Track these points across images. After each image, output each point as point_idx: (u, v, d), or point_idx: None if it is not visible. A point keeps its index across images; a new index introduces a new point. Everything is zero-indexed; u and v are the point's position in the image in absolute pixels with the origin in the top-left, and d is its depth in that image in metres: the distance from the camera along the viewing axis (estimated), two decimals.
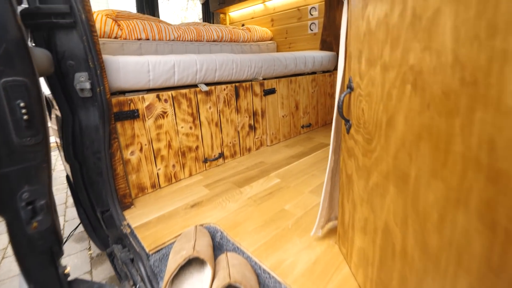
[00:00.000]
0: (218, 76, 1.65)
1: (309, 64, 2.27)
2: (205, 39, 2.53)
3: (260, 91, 1.93)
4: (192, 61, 1.50)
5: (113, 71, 1.23)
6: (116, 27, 2.01)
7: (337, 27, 2.53)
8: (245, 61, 1.77)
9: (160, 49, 2.20)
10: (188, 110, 1.55)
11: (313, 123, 2.50)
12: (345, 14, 0.76)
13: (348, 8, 0.75)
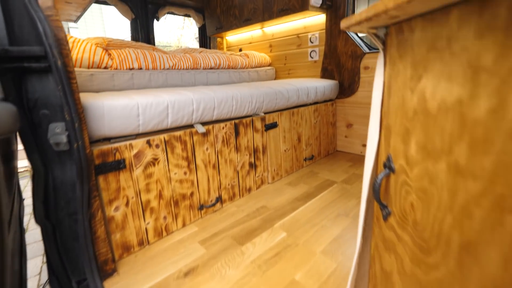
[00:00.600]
0: (216, 114, 1.50)
1: (311, 95, 2.15)
2: (202, 67, 2.40)
3: (261, 126, 1.79)
4: (188, 101, 1.35)
5: (96, 118, 1.07)
6: (106, 57, 1.87)
7: (338, 56, 2.44)
8: (245, 96, 1.63)
9: (154, 79, 2.06)
10: (183, 154, 1.38)
11: (316, 155, 2.36)
12: (380, 74, 0.62)
13: (384, 68, 0.61)
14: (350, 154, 2.51)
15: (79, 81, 1.71)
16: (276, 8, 2.44)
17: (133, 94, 1.28)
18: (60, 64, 0.85)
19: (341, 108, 2.53)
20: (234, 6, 2.86)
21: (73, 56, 1.76)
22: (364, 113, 2.38)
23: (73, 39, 1.81)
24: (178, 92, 1.41)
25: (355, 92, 2.40)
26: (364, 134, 2.41)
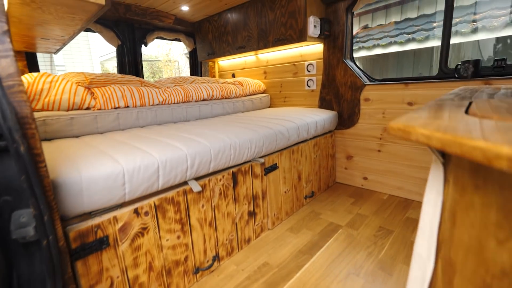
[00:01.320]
0: (213, 167, 1.36)
1: (311, 130, 2.04)
2: (194, 99, 2.26)
3: (260, 171, 1.65)
4: (181, 158, 1.20)
5: (72, 196, 0.90)
6: (89, 97, 1.71)
7: (337, 86, 2.35)
8: (244, 142, 1.49)
9: (142, 117, 1.90)
10: (176, 217, 1.22)
11: (316, 190, 2.23)
12: (436, 189, 0.50)
13: (445, 184, 0.49)
14: (351, 187, 2.40)
15: (57, 126, 1.54)
16: (272, 38, 2.35)
17: (116, 153, 1.12)
18: (23, 149, 0.69)
19: (340, 140, 2.43)
20: (227, 32, 2.75)
21: (50, 98, 1.59)
22: (365, 146, 2.28)
23: (50, 79, 1.64)
24: (169, 145, 1.25)
25: (355, 124, 2.30)
26: (365, 166, 2.31)
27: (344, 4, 2.19)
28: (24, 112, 0.72)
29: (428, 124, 0.43)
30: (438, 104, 0.75)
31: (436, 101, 0.86)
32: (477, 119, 0.43)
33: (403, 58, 4.33)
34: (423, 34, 3.73)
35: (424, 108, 0.67)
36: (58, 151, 1.18)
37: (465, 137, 0.32)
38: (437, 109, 0.61)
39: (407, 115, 0.54)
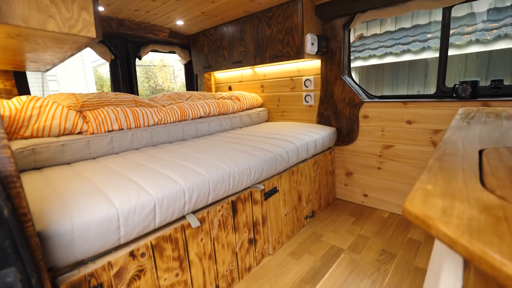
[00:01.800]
0: (212, 198, 1.30)
1: (311, 150, 2.00)
2: (190, 117, 2.21)
3: (260, 196, 1.60)
4: (178, 193, 1.15)
5: (64, 246, 0.84)
6: (80, 121, 1.64)
7: (335, 102, 2.33)
8: (243, 170, 1.44)
9: (137, 139, 1.84)
10: (174, 255, 1.16)
11: (316, 209, 2.19)
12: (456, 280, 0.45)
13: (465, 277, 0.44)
14: (351, 204, 2.37)
15: (48, 154, 1.46)
16: (269, 54, 2.31)
17: (110, 190, 1.06)
18: (7, 213, 0.63)
19: (339, 156, 2.40)
20: (223, 47, 2.71)
21: (40, 124, 1.52)
22: (364, 163, 2.25)
23: (40, 103, 1.57)
24: (165, 178, 1.20)
25: (354, 141, 2.28)
26: (365, 183, 2.28)
27: (341, 20, 2.17)
28: (8, 171, 0.66)
29: (448, 211, 0.39)
30: (448, 153, 0.71)
31: (444, 142, 0.83)
32: (499, 205, 0.40)
33: (398, 69, 4.34)
34: (418, 45, 3.74)
35: (434, 163, 0.63)
36: (48, 187, 1.11)
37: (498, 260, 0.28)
38: (451, 170, 0.57)
39: (418, 185, 0.50)
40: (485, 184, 0.49)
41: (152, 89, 11.99)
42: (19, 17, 0.85)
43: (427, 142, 1.92)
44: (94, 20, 0.99)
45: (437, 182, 0.52)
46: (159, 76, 12.17)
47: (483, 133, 0.92)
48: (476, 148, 0.75)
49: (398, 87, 4.40)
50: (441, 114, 1.83)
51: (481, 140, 0.82)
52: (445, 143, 0.82)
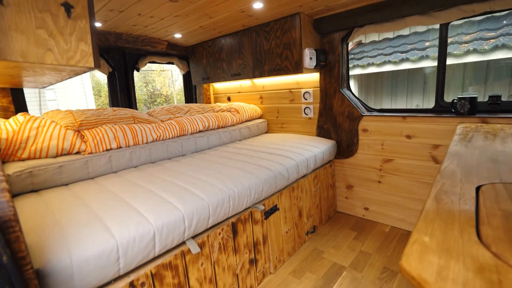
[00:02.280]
0: (212, 222, 1.29)
1: (311, 165, 1.99)
2: (189, 132, 2.20)
3: (261, 215, 1.59)
4: (178, 220, 1.13)
5: (63, 282, 0.82)
6: (78, 141, 1.63)
7: (334, 115, 2.32)
8: (243, 191, 1.43)
9: (136, 157, 1.82)
10: (174, 282, 1.14)
11: (317, 223, 2.18)
12: None
13: None
14: (352, 217, 2.36)
15: (45, 176, 1.45)
16: (267, 68, 2.31)
17: (109, 218, 1.05)
18: (6, 259, 0.62)
19: (340, 169, 2.39)
20: (221, 59, 2.70)
21: (37, 146, 1.50)
22: (364, 176, 2.25)
23: (37, 124, 1.55)
24: (164, 203, 1.18)
25: (354, 154, 2.27)
26: (366, 197, 2.28)
27: (339, 34, 2.17)
28: (7, 216, 0.65)
29: (444, 272, 0.39)
30: (445, 190, 0.70)
31: (441, 175, 0.82)
32: (493, 266, 0.39)
33: (397, 77, 4.35)
34: (416, 54, 3.75)
35: (431, 204, 0.62)
36: (46, 214, 1.09)
37: None
38: (448, 214, 0.57)
39: (416, 237, 0.50)
40: (481, 235, 0.49)
41: (150, 94, 11.99)
42: (18, 53, 0.83)
43: (426, 157, 1.91)
44: (92, 50, 0.98)
45: (433, 232, 0.52)
46: (158, 81, 12.17)
47: (481, 162, 0.91)
48: (474, 183, 0.74)
49: (398, 95, 4.41)
50: (440, 130, 1.83)
51: (478, 172, 0.82)
52: (443, 176, 0.81)
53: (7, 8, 0.81)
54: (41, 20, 0.87)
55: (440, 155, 1.86)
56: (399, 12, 1.80)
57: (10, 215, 0.67)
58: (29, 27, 0.85)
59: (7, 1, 0.81)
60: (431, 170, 1.91)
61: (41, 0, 0.87)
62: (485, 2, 1.55)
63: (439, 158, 1.87)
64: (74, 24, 0.94)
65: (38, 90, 5.78)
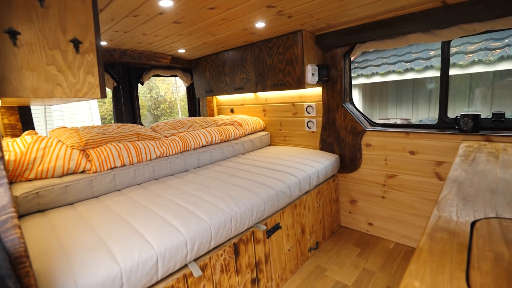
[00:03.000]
0: (214, 244, 1.30)
1: (313, 181, 1.99)
2: (192, 148, 2.22)
3: (263, 235, 1.59)
4: (181, 244, 1.15)
5: None
6: (83, 160, 1.66)
7: (337, 129, 2.33)
8: (245, 211, 1.44)
9: (139, 174, 1.85)
10: None
11: (321, 239, 2.17)
12: None
13: None
14: (356, 232, 2.34)
15: (51, 197, 1.48)
16: (270, 82, 2.33)
17: (113, 243, 1.07)
18: None
19: (343, 183, 2.39)
20: (224, 73, 2.74)
21: (44, 166, 1.54)
22: (368, 191, 2.24)
23: (44, 144, 1.59)
24: (167, 226, 1.20)
25: (357, 169, 2.27)
26: (370, 212, 2.27)
27: (341, 50, 2.19)
28: (18, 252, 0.67)
29: None
30: (440, 226, 0.71)
31: (438, 207, 0.82)
32: None
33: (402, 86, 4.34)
34: (421, 64, 3.74)
35: (425, 242, 0.64)
36: (52, 237, 1.12)
37: None
38: (440, 256, 0.59)
39: (407, 281, 0.52)
40: (470, 282, 0.50)
41: (154, 100, 12.12)
42: (29, 90, 0.87)
43: (430, 173, 1.90)
44: (99, 82, 1.01)
45: (424, 276, 0.54)
46: (161, 87, 12.31)
47: (479, 191, 0.92)
48: (470, 217, 0.75)
49: (403, 104, 4.39)
50: (444, 146, 1.83)
51: (475, 204, 0.82)
52: (440, 209, 0.82)
53: (20, 49, 0.84)
54: (51, 57, 0.90)
55: (444, 171, 1.85)
56: (400, 30, 1.81)
57: (21, 251, 0.69)
58: (39, 65, 0.88)
59: (20, 42, 0.84)
60: (435, 187, 1.90)
61: (52, 38, 0.90)
62: (486, 22, 1.56)
63: (443, 175, 1.86)
64: (82, 58, 0.97)
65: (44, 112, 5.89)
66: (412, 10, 1.72)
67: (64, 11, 0.92)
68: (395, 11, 1.73)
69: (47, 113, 5.77)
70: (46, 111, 5.71)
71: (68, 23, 0.93)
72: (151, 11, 1.50)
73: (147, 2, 1.35)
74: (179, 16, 1.61)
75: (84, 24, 0.96)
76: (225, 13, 1.61)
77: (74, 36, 0.94)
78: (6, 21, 0.81)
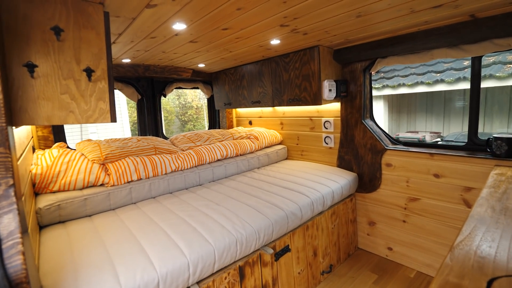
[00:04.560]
0: (217, 267, 1.29)
1: (327, 201, 1.92)
2: (207, 162, 2.25)
3: (270, 257, 1.55)
4: (183, 267, 1.15)
5: None
6: (103, 174, 1.74)
7: (356, 146, 2.23)
8: (252, 234, 1.42)
9: (154, 188, 1.91)
10: None
11: (335, 262, 2.07)
12: None
13: None
14: (374, 256, 2.21)
15: (71, 209, 1.57)
16: (286, 97, 2.30)
17: (119, 262, 1.10)
18: None
19: (361, 203, 2.27)
20: (242, 86, 2.76)
21: (66, 180, 1.64)
22: (388, 213, 2.11)
23: (68, 158, 1.70)
24: (171, 246, 1.21)
25: (377, 189, 2.15)
26: (389, 236, 2.12)
27: (361, 65, 2.11)
28: (19, 279, 0.71)
29: None
30: (452, 283, 0.63)
31: (451, 256, 0.74)
32: None
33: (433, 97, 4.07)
34: (453, 75, 3.48)
35: None
36: (66, 252, 1.18)
37: None
38: None
39: None
40: None
41: (182, 106, 12.58)
42: (44, 118, 0.93)
43: (457, 199, 1.75)
44: (109, 107, 1.06)
45: None
46: (189, 94, 12.76)
47: (504, 238, 0.81)
48: (487, 272, 0.66)
49: (433, 117, 4.10)
50: (473, 171, 1.67)
51: (496, 255, 0.72)
52: (453, 258, 0.73)
53: (37, 80, 0.91)
54: (65, 86, 0.96)
55: (472, 198, 1.69)
56: (424, 45, 1.70)
57: (22, 278, 0.73)
58: (54, 94, 0.94)
59: (37, 74, 0.91)
60: (463, 215, 1.73)
61: (66, 69, 0.96)
62: None
63: (471, 202, 1.69)
64: (94, 86, 1.02)
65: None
66: (437, 25, 1.61)
67: (78, 43, 0.98)
68: (418, 26, 1.63)
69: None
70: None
71: (82, 54, 0.99)
72: (167, 33, 1.55)
73: (162, 26, 1.41)
74: (194, 36, 1.66)
75: (97, 53, 1.02)
76: (239, 33, 1.63)
77: (88, 65, 1.00)
78: (25, 55, 0.88)
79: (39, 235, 1.41)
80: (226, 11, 1.26)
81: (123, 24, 1.32)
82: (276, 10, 1.29)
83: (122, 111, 7.05)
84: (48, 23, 0.91)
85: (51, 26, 0.92)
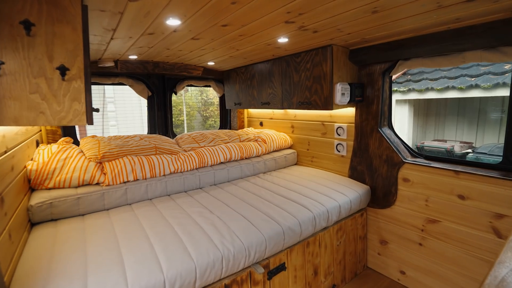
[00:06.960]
0: (199, 285, 1.19)
1: (333, 217, 1.75)
2: (209, 164, 2.16)
3: (262, 276, 1.43)
4: (157, 285, 1.06)
5: None
6: (98, 173, 1.71)
7: (370, 157, 2.03)
8: (241, 251, 1.30)
9: (151, 190, 1.85)
10: None
11: (339, 282, 1.90)
12: None
13: None
14: (384, 279, 2.00)
15: (64, 207, 1.54)
16: (296, 100, 2.14)
17: (92, 276, 1.03)
18: None
19: (373, 219, 2.07)
20: (252, 86, 2.63)
21: (61, 177, 1.62)
22: (402, 234, 1.89)
23: (65, 155, 1.68)
24: (150, 261, 1.12)
25: (391, 206, 1.94)
26: (402, 258, 1.91)
27: (380, 67, 1.89)
28: None
29: None
30: None
31: None
32: None
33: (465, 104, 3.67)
34: (490, 80, 3.07)
35: None
36: (45, 255, 1.14)
37: None
38: None
39: None
40: None
41: (204, 101, 12.75)
42: (10, 119, 0.87)
43: (485, 226, 1.50)
44: (85, 109, 0.98)
45: None
46: (210, 90, 12.88)
47: None
48: None
49: (465, 125, 3.70)
50: (508, 196, 1.42)
51: None
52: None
53: (3, 78, 0.85)
54: (35, 85, 0.90)
55: (504, 228, 1.44)
56: (454, 46, 1.47)
57: None
58: (22, 93, 0.88)
59: (3, 71, 0.85)
60: (491, 245, 1.49)
61: (37, 66, 0.89)
62: None
63: (503, 232, 1.45)
64: (69, 85, 0.95)
65: (102, 102, 6.58)
66: (470, 23, 1.37)
67: (51, 39, 0.91)
68: (448, 23, 1.40)
69: (104, 114, 6.42)
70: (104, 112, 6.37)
71: (55, 51, 0.91)
72: (164, 30, 1.46)
73: (155, 21, 1.32)
74: (194, 33, 1.55)
75: (73, 50, 0.94)
76: (241, 30, 1.50)
77: (61, 63, 0.93)
78: None
79: (28, 233, 1.39)
80: (220, 5, 1.14)
81: (113, 19, 1.25)
82: (276, 5, 1.15)
83: (142, 106, 7.20)
84: (17, 17, 0.85)
85: (20, 20, 0.85)
